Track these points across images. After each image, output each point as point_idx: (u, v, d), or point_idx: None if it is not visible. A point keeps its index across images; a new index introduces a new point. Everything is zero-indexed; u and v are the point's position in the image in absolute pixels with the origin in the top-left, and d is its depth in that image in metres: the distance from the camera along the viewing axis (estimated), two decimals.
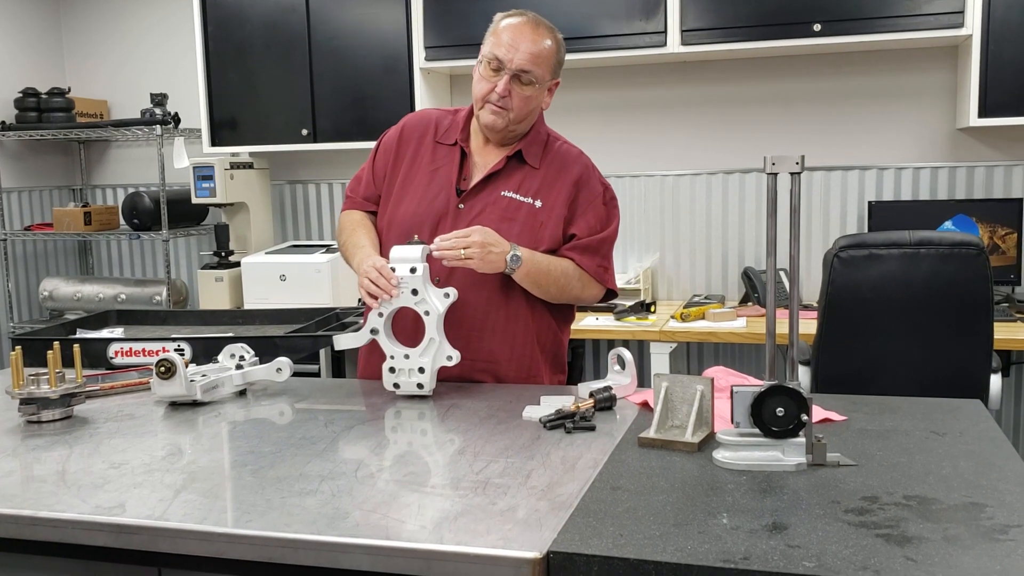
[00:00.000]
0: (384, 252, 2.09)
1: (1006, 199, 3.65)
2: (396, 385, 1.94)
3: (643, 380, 1.91)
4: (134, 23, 4.75)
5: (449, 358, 1.92)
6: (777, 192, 1.46)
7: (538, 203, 2.09)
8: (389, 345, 1.95)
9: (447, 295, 1.93)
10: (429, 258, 1.95)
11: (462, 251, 1.92)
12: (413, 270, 1.92)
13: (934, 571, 1.08)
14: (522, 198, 2.09)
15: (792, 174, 1.44)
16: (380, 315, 1.95)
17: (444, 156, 2.15)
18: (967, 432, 1.62)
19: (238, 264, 4.15)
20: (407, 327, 2.00)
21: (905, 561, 1.11)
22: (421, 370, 1.92)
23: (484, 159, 2.14)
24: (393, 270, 1.93)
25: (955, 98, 3.73)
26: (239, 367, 2.02)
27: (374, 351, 2.04)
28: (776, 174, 1.44)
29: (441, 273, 2.01)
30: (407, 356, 1.93)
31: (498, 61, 2.03)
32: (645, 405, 1.83)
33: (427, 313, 1.92)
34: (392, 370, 1.94)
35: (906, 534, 1.19)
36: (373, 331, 1.95)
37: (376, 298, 1.93)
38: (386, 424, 1.81)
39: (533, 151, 2.13)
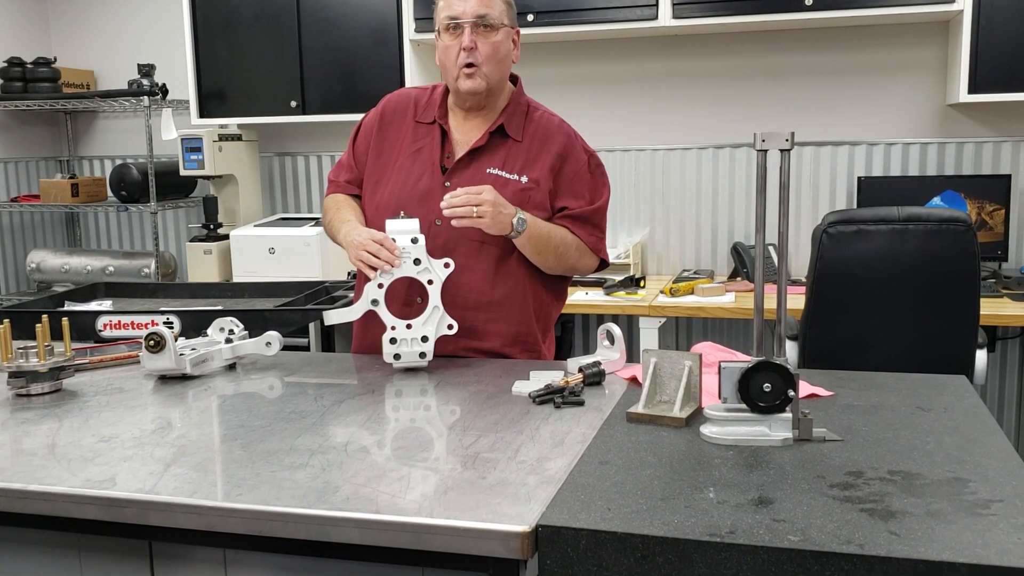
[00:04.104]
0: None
1: (995, 175, 3.67)
2: (397, 356, 1.94)
3: (632, 355, 1.92)
4: None
5: (450, 327, 1.94)
6: (767, 168, 1.46)
7: (524, 179, 2.08)
8: (389, 316, 1.95)
9: (447, 265, 1.95)
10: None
11: (474, 209, 1.92)
12: (415, 240, 1.93)
13: (917, 545, 1.09)
14: (508, 175, 2.08)
15: (782, 151, 1.44)
16: (380, 286, 1.95)
17: (424, 135, 2.13)
18: (952, 408, 1.64)
19: (227, 237, 4.13)
20: (397, 304, 2.00)
21: (889, 535, 1.12)
22: (424, 339, 1.93)
23: (465, 136, 2.12)
24: (393, 241, 1.93)
25: (945, 74, 3.73)
26: (228, 341, 2.02)
27: (370, 324, 2.04)
28: (766, 151, 1.44)
29: (436, 250, 2.00)
30: (409, 326, 1.94)
31: (453, 19, 2.02)
32: (634, 380, 1.84)
33: (430, 282, 1.93)
34: (393, 341, 1.94)
35: (890, 509, 1.20)
36: (374, 302, 1.95)
37: (375, 269, 1.93)
38: (376, 398, 1.82)
39: (515, 123, 2.11)
